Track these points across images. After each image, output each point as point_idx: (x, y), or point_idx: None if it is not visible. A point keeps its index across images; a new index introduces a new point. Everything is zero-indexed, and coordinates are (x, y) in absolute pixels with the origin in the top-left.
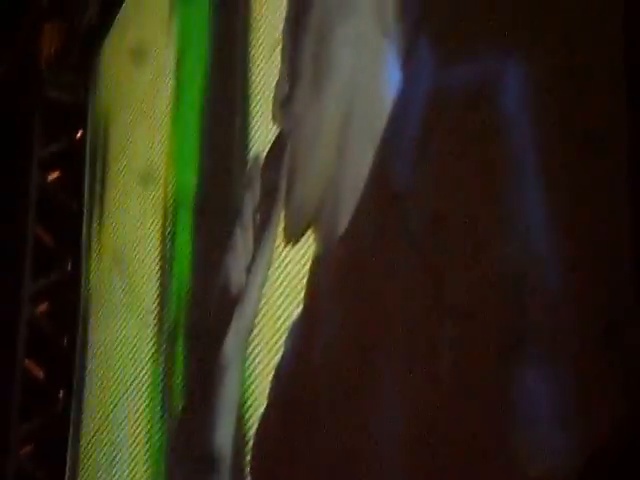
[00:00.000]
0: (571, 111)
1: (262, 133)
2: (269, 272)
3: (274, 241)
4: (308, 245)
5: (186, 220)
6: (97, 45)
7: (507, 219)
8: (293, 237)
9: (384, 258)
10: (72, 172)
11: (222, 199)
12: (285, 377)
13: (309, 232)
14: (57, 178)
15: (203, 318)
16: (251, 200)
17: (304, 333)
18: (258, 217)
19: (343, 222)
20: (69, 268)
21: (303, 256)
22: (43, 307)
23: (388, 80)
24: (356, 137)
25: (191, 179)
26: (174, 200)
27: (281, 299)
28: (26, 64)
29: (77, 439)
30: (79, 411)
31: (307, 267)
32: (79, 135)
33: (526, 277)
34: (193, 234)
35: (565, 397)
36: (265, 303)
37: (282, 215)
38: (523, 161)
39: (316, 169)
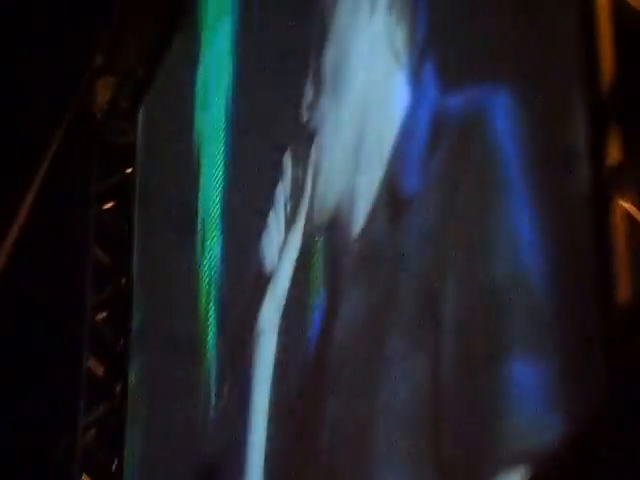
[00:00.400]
0: (548, 138)
1: (289, 135)
2: (297, 255)
3: (302, 228)
4: (328, 237)
5: (216, 208)
6: (142, 96)
7: (497, 230)
8: (316, 227)
9: (393, 257)
10: (124, 202)
11: (251, 193)
12: (311, 349)
13: (331, 224)
14: (111, 208)
15: (236, 294)
16: (283, 191)
17: (326, 314)
18: (289, 207)
19: (358, 220)
20: (123, 282)
21: (325, 244)
22: (102, 315)
23: (397, 99)
24: (369, 147)
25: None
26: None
27: (307, 280)
28: (83, 112)
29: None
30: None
31: (328, 254)
32: (129, 171)
33: (517, 285)
34: (222, 218)
35: (551, 384)
36: (292, 278)
37: (308, 206)
38: (511, 179)
39: (335, 170)
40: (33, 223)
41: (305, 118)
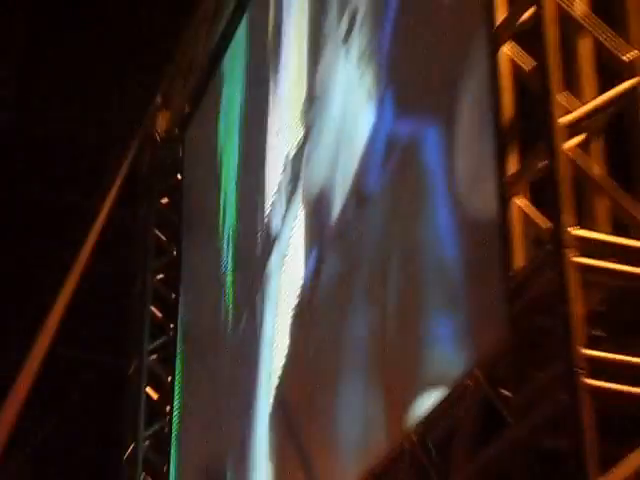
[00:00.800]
0: (465, 157)
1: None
2: (294, 223)
3: (298, 204)
4: (313, 213)
5: (232, 197)
6: (187, 125)
7: (426, 225)
8: (308, 204)
9: (359, 235)
10: (176, 199)
11: (257, 181)
12: (304, 293)
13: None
14: (167, 202)
15: (247, 255)
16: (284, 178)
17: (315, 269)
18: (289, 188)
19: (336, 206)
20: (175, 253)
21: (308, 218)
22: (160, 277)
23: (365, 119)
24: (344, 151)
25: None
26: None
27: (301, 238)
28: (148, 136)
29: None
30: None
31: (312, 225)
32: (179, 177)
33: (439, 261)
34: (236, 203)
35: (464, 327)
36: (291, 241)
37: (302, 188)
38: (436, 187)
39: (320, 165)
40: (115, 212)
41: (303, 121)
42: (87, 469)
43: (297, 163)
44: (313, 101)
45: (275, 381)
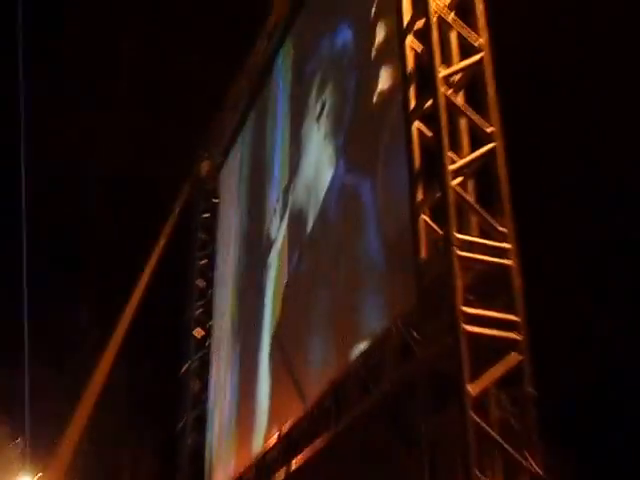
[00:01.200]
0: (388, 199)
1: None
2: (284, 232)
3: (286, 221)
4: (294, 227)
5: (245, 215)
6: (220, 169)
7: (362, 243)
8: (292, 221)
9: (323, 243)
10: (213, 215)
11: (261, 206)
12: (290, 277)
13: (298, 222)
14: (207, 217)
15: (254, 251)
16: (278, 205)
17: (297, 258)
18: (281, 211)
19: (309, 224)
20: (211, 250)
21: (295, 229)
22: (203, 262)
23: (328, 172)
24: (314, 192)
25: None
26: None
27: (287, 242)
28: (196, 177)
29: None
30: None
31: (293, 236)
32: (216, 201)
33: (371, 260)
34: (248, 219)
35: (387, 294)
36: (282, 245)
37: (289, 211)
38: (369, 213)
39: (300, 198)
40: (176, 224)
41: (289, 170)
42: (158, 380)
43: (286, 196)
44: (296, 157)
45: (273, 329)
